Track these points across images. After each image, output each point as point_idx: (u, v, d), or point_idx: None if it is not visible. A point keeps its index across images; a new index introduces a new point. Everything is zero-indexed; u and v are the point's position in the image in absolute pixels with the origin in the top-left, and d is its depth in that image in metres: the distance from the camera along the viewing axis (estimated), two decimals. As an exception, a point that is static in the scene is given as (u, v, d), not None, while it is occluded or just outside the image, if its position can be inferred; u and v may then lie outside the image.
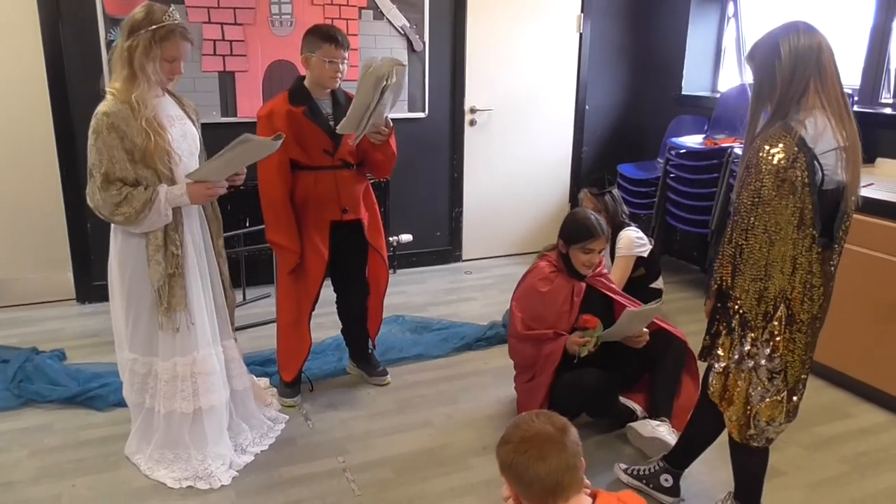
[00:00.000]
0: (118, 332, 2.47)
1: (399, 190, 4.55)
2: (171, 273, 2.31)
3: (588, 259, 2.69)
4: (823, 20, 1.93)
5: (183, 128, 2.37)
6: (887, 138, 3.50)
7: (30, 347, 3.35)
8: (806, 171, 1.79)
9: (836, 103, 1.84)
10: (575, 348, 2.59)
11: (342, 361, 3.31)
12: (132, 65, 2.19)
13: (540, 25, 4.75)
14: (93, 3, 3.67)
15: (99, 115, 2.19)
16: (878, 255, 2.89)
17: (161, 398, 2.42)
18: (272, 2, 3.99)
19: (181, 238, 2.34)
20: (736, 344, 1.97)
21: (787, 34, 1.87)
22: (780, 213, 1.82)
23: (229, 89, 4.02)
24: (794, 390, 2.00)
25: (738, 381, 1.99)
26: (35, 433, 2.73)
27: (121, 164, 2.20)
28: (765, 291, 1.88)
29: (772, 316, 1.89)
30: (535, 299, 2.73)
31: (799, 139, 1.80)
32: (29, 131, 3.81)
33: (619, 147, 5.18)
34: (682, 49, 4.76)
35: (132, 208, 2.20)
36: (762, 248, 1.85)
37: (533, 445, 1.50)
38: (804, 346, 1.94)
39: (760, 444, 2.05)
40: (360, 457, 2.63)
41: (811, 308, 1.90)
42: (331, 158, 2.75)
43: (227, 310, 2.59)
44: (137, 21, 2.18)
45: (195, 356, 2.40)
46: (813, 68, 1.83)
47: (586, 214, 2.77)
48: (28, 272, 3.99)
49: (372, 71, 2.44)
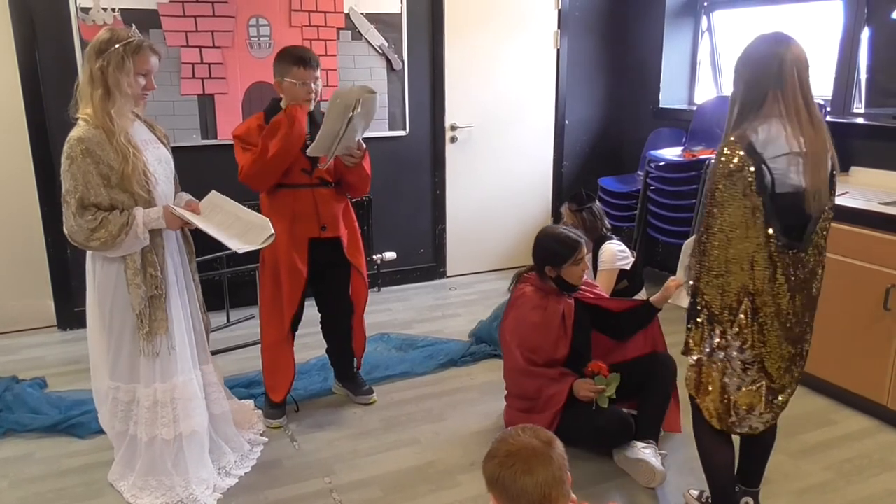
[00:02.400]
0: (96, 361, 2.45)
1: (382, 207, 4.56)
2: (153, 295, 2.30)
3: (582, 269, 2.71)
4: (794, 31, 1.99)
5: (157, 152, 2.37)
6: (860, 147, 3.56)
7: (10, 376, 3.31)
8: (754, 175, 1.88)
9: (797, 112, 1.91)
10: (589, 395, 2.58)
11: (327, 381, 3.29)
12: (106, 83, 2.19)
13: (518, 42, 4.80)
14: (69, 28, 3.67)
15: (72, 140, 2.18)
16: (854, 263, 2.93)
17: (143, 425, 2.39)
18: (250, 24, 4.01)
19: (160, 260, 2.33)
20: (706, 337, 2.04)
21: (753, 44, 1.98)
22: (733, 214, 1.91)
23: (209, 112, 4.02)
24: (778, 388, 2.06)
25: (713, 372, 2.06)
26: (16, 463, 2.70)
27: (95, 189, 2.19)
28: (727, 287, 1.96)
29: (736, 310, 1.97)
30: (529, 331, 2.70)
31: (748, 144, 1.90)
32: (7, 157, 3.79)
33: (599, 160, 5.23)
34: (658, 63, 4.82)
35: (108, 233, 2.19)
36: (721, 247, 1.95)
37: (519, 459, 1.50)
38: (777, 340, 2.00)
39: (744, 432, 2.11)
40: (347, 477, 2.62)
41: (777, 302, 1.96)
42: (308, 177, 2.77)
43: (203, 334, 2.58)
44: (104, 41, 2.20)
45: (175, 381, 2.38)
46: (772, 77, 1.91)
47: (558, 231, 2.78)
48: (8, 299, 3.94)
49: (340, 101, 2.49)
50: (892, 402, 2.89)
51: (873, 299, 2.87)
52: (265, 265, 2.86)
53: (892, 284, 2.80)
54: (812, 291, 2.05)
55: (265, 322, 2.91)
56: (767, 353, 2.00)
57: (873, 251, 2.87)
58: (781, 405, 2.11)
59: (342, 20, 4.21)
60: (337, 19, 4.20)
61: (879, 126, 3.52)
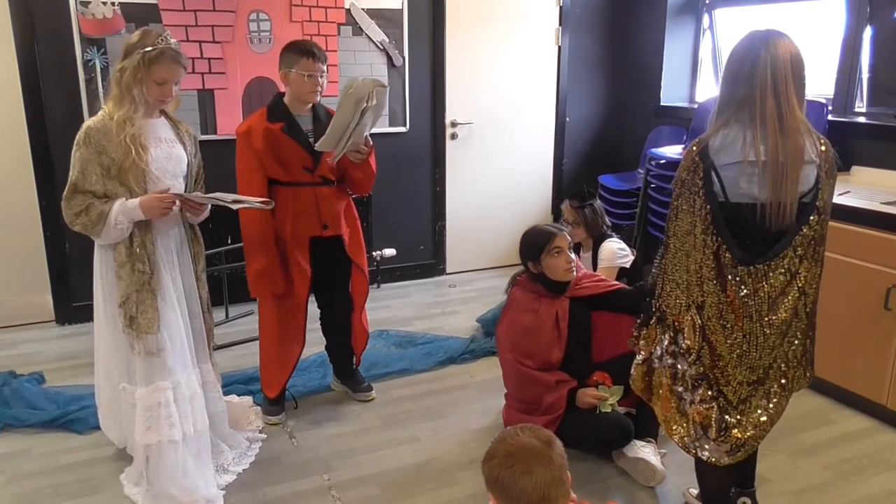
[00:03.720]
0: (102, 359, 2.46)
1: (382, 204, 4.55)
2: (138, 289, 2.29)
3: (564, 262, 2.65)
4: (796, 30, 1.92)
5: (169, 150, 2.38)
6: (862, 147, 3.56)
7: (7, 371, 3.30)
8: (702, 180, 1.82)
9: (764, 118, 1.78)
10: (592, 402, 2.58)
11: (326, 378, 3.29)
12: (120, 86, 2.26)
13: (519, 39, 4.78)
14: (69, 23, 3.65)
15: (83, 128, 2.28)
16: (854, 262, 2.92)
17: (142, 428, 2.35)
18: (250, 19, 4.00)
19: (150, 256, 2.32)
20: (658, 340, 1.99)
21: (738, 42, 1.87)
22: (683, 219, 1.86)
23: (209, 107, 4.01)
24: (738, 419, 1.92)
25: (662, 377, 2.00)
26: (13, 459, 2.69)
27: (91, 177, 2.25)
28: (678, 295, 1.91)
29: (681, 321, 1.91)
30: (522, 336, 2.67)
31: (703, 149, 1.83)
32: (5, 152, 3.77)
33: (599, 158, 5.22)
34: (659, 61, 4.81)
35: (89, 219, 2.25)
36: (674, 253, 1.90)
37: (519, 460, 1.50)
38: (728, 363, 1.88)
39: (704, 458, 1.98)
40: (345, 474, 2.61)
41: (723, 319, 1.87)
42: (310, 175, 2.75)
43: (205, 333, 2.57)
44: (132, 44, 2.26)
45: (174, 380, 2.37)
46: (743, 78, 1.81)
47: (538, 225, 2.78)
48: (6, 294, 3.93)
49: (353, 91, 2.45)
50: (891, 402, 2.89)
51: (874, 299, 2.87)
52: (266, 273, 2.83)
53: (893, 284, 2.79)
54: (780, 314, 1.87)
55: (263, 319, 2.90)
56: (720, 373, 1.90)
57: (874, 251, 2.87)
58: (739, 439, 1.93)
59: (343, 15, 4.19)
60: (338, 14, 4.18)
61: (881, 125, 3.52)
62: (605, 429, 2.59)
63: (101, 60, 3.72)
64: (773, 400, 1.96)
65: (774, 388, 1.96)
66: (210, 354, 2.61)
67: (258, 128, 2.67)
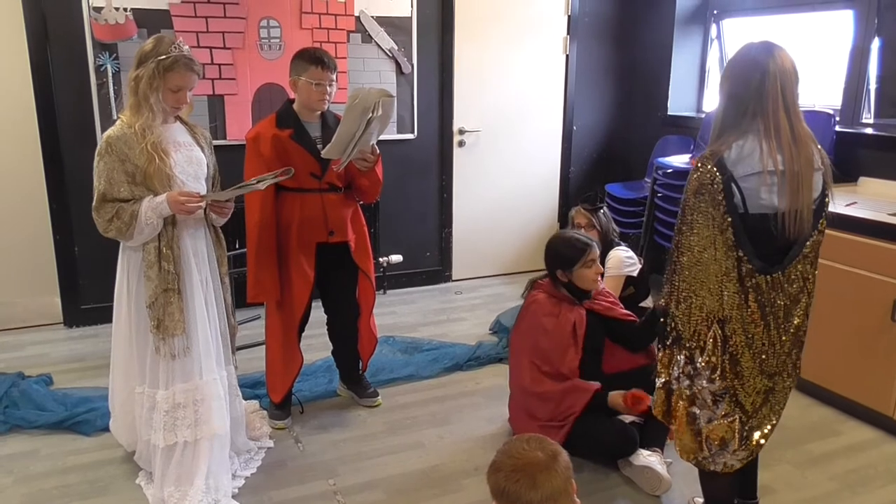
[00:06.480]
0: (119, 363, 2.47)
1: (389, 210, 4.56)
2: (165, 289, 2.31)
3: (595, 271, 2.70)
4: (804, 41, 1.93)
5: (189, 154, 2.41)
6: (869, 158, 3.56)
7: (16, 372, 3.32)
8: (722, 193, 1.80)
9: (777, 129, 1.80)
10: (624, 407, 2.59)
11: (333, 383, 3.29)
12: (137, 94, 2.28)
13: (527, 47, 4.80)
14: (82, 28, 3.68)
15: (104, 138, 2.30)
16: (861, 273, 2.91)
17: (162, 430, 2.37)
18: (261, 26, 4.03)
19: (176, 255, 2.34)
20: (674, 362, 1.97)
21: (737, 54, 1.89)
22: (702, 234, 1.83)
23: (219, 112, 4.04)
24: (755, 424, 1.95)
25: (679, 400, 1.98)
26: (21, 459, 2.70)
27: (118, 185, 2.27)
28: (696, 310, 1.88)
29: (705, 337, 1.88)
30: (541, 336, 2.69)
31: (718, 161, 1.81)
32: (16, 155, 3.80)
33: (606, 167, 5.23)
34: (667, 70, 4.82)
35: (122, 221, 2.27)
36: (690, 268, 1.86)
37: (525, 474, 1.51)
38: (750, 372, 1.90)
39: (719, 469, 2.00)
40: (351, 479, 2.62)
41: (748, 331, 1.87)
42: (318, 181, 2.76)
43: (228, 336, 2.58)
44: (146, 52, 2.28)
45: (196, 382, 2.38)
46: (753, 91, 1.81)
47: (569, 235, 2.78)
48: (15, 296, 3.96)
49: (359, 102, 2.47)
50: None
51: (881, 310, 2.86)
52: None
53: (900, 295, 2.79)
54: (794, 321, 1.91)
55: (270, 323, 2.92)
56: (740, 385, 1.90)
57: (881, 262, 2.86)
58: (758, 443, 1.99)
59: (353, 23, 4.22)
60: (347, 22, 4.21)
61: (888, 137, 3.52)
62: (611, 437, 2.59)
63: (113, 66, 3.75)
64: (780, 404, 2.01)
65: (781, 394, 2.00)
66: (233, 358, 2.63)
67: (266, 134, 2.70)
